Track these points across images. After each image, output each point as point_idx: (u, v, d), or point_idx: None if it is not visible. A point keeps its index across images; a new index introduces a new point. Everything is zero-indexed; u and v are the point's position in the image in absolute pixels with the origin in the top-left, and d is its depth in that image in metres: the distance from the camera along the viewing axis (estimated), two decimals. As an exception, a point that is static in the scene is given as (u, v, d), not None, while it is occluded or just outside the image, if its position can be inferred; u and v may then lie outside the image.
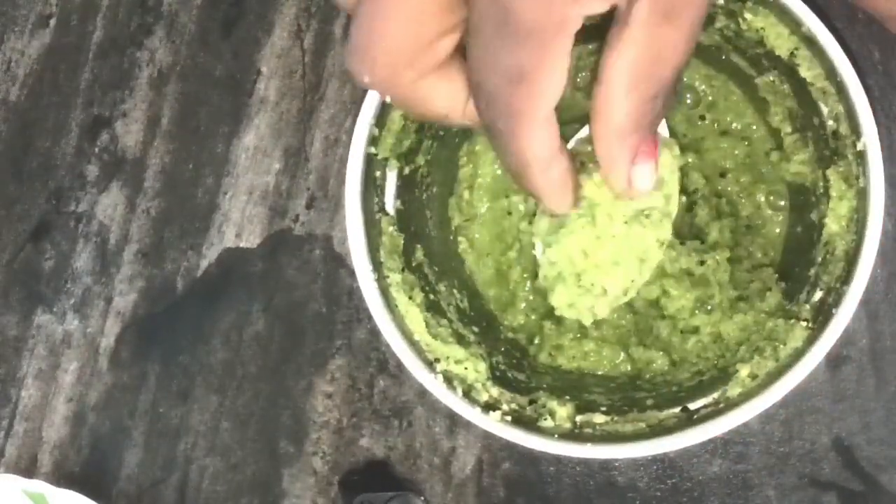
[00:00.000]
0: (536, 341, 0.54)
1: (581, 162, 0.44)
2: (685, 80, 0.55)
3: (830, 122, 0.48)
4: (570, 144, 0.49)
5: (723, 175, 0.54)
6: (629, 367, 0.53)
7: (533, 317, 0.55)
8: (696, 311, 0.51)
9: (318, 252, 0.60)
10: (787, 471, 0.56)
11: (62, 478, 0.59)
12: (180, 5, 0.62)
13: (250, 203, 0.61)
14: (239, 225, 0.60)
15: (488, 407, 0.49)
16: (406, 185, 0.53)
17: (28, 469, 0.60)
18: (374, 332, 0.58)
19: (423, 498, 0.56)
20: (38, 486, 0.56)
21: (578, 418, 0.49)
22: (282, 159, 0.61)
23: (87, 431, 0.60)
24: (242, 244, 0.60)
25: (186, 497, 0.59)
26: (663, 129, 0.48)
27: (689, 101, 0.55)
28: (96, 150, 0.62)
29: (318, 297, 0.60)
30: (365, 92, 0.50)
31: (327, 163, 0.60)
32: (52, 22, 0.63)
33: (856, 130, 0.46)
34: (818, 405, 0.56)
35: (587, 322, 0.47)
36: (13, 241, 0.62)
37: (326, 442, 0.59)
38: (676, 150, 0.46)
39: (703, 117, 0.55)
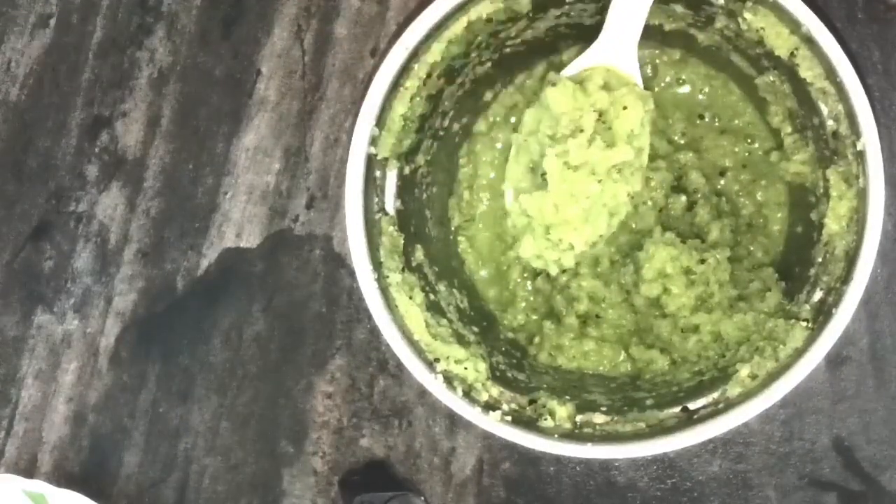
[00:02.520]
0: (536, 341, 0.54)
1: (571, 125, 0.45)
2: (683, 77, 0.55)
3: (830, 122, 0.48)
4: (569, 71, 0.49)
5: (722, 174, 0.54)
6: (629, 367, 0.53)
7: (533, 317, 0.55)
8: (697, 310, 0.51)
9: (318, 252, 0.60)
10: (787, 471, 0.56)
11: (62, 478, 0.59)
12: (180, 5, 0.62)
13: (250, 203, 0.61)
14: (239, 225, 0.60)
15: (488, 407, 0.49)
16: (406, 185, 0.53)
17: (28, 469, 0.60)
18: (374, 332, 0.58)
19: (423, 498, 0.56)
20: (38, 485, 0.56)
21: (578, 418, 0.49)
22: (282, 159, 0.61)
23: (87, 431, 0.60)
24: (242, 244, 0.60)
25: (186, 497, 0.59)
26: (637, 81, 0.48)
27: (687, 91, 0.55)
28: (96, 149, 0.62)
29: (318, 297, 0.60)
30: (365, 91, 0.50)
31: (327, 163, 0.60)
32: (53, 22, 0.63)
33: (855, 130, 0.46)
34: (818, 405, 0.56)
35: (553, 272, 0.47)
36: (13, 241, 0.62)
37: (326, 442, 0.59)
38: (650, 104, 0.46)
39: (702, 116, 0.55)
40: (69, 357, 0.60)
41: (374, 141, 0.50)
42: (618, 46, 0.47)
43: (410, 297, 0.51)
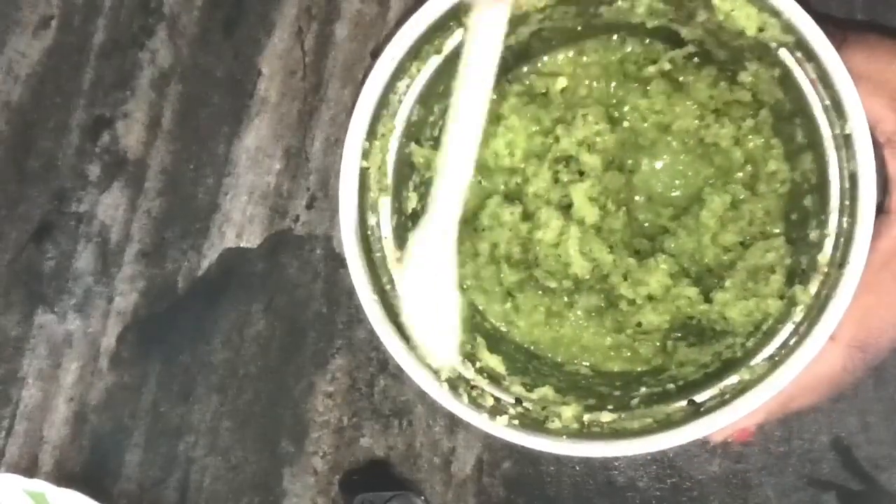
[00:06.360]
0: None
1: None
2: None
3: (817, 108, 0.48)
4: None
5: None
6: (660, 362, 0.53)
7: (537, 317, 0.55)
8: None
9: (318, 252, 0.60)
10: (787, 470, 0.56)
11: (63, 477, 0.59)
12: (182, 6, 0.62)
13: (251, 203, 0.61)
14: (239, 225, 0.61)
15: (494, 412, 0.49)
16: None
17: (29, 468, 0.60)
18: (375, 332, 0.58)
19: (423, 498, 0.56)
20: (39, 485, 0.57)
21: (586, 417, 0.49)
22: (282, 159, 0.61)
23: (87, 431, 0.60)
24: (243, 244, 0.61)
25: (187, 497, 0.59)
26: None
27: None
28: (98, 150, 0.62)
29: (319, 297, 0.60)
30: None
31: (328, 163, 0.61)
32: (54, 23, 0.63)
33: (842, 115, 0.47)
34: (818, 405, 0.56)
35: None
36: (15, 241, 0.62)
37: (327, 442, 0.59)
38: None
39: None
40: (70, 357, 0.61)
41: (365, 154, 0.50)
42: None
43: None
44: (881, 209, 0.47)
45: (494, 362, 0.51)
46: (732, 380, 0.48)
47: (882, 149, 0.47)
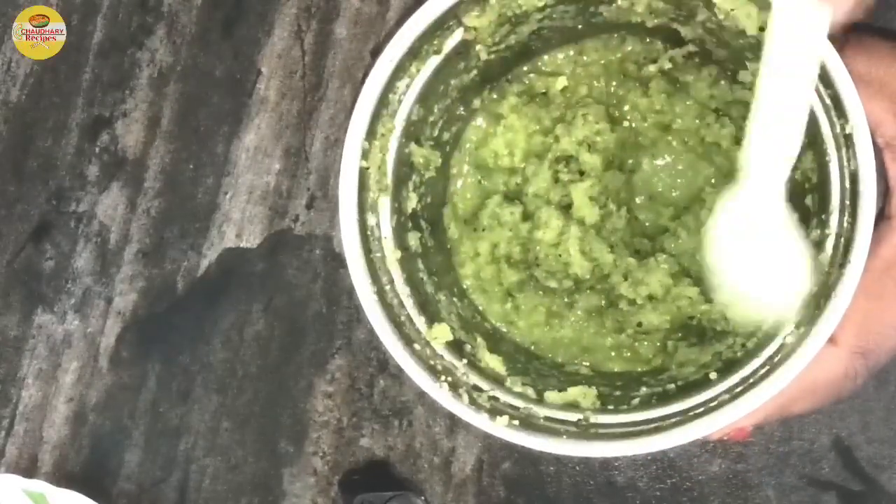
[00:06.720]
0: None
1: None
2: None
3: (818, 107, 0.48)
4: None
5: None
6: (661, 362, 0.53)
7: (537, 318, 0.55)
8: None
9: (318, 252, 0.60)
10: (787, 471, 0.56)
11: (62, 477, 0.59)
12: (181, 5, 0.62)
13: (250, 203, 0.61)
14: (239, 225, 0.61)
15: (494, 412, 0.49)
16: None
17: (28, 469, 0.60)
18: (374, 332, 0.58)
19: (423, 498, 0.56)
20: (39, 485, 0.57)
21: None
22: (282, 159, 0.61)
23: (87, 431, 0.60)
24: (243, 244, 0.61)
25: (187, 497, 0.59)
26: None
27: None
28: (97, 150, 0.62)
29: (318, 296, 0.60)
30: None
31: (327, 163, 0.60)
32: (53, 22, 0.63)
33: (842, 114, 0.47)
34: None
35: None
36: (14, 241, 0.62)
37: (326, 442, 0.59)
38: None
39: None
40: (69, 357, 0.61)
41: (365, 154, 0.50)
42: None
43: (412, 308, 0.51)
44: (882, 214, 0.47)
45: (494, 362, 0.51)
46: (733, 380, 0.48)
47: (882, 153, 0.47)
